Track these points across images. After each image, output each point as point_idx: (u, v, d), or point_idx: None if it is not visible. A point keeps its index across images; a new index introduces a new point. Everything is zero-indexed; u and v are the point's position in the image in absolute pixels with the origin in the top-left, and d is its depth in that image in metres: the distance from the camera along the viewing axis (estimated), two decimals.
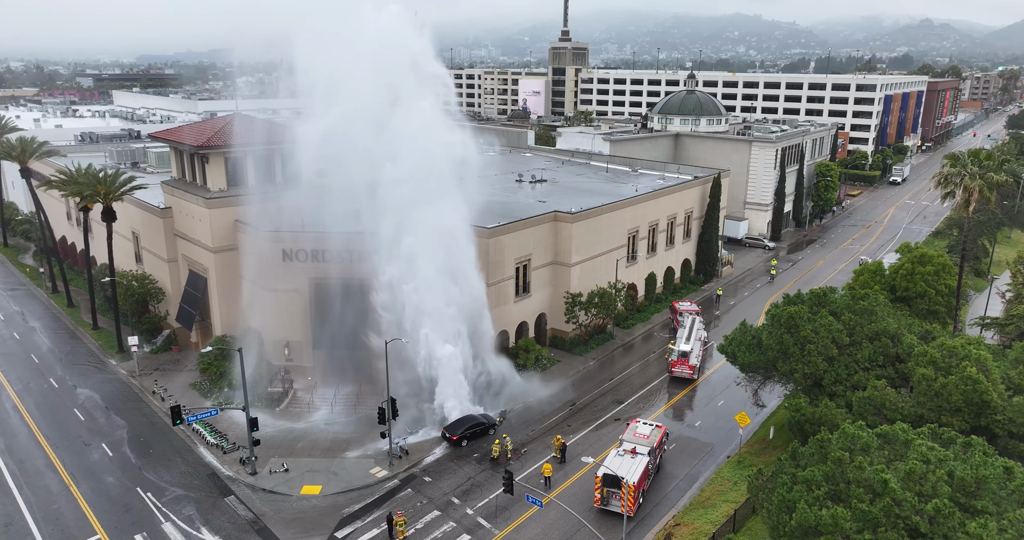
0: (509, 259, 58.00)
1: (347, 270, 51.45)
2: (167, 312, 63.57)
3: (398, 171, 48.25)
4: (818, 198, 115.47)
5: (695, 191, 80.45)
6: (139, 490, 42.86)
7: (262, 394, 52.43)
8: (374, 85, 48.63)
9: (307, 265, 52.41)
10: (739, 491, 41.30)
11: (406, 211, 48.43)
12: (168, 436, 48.90)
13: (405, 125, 48.39)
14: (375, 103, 48.63)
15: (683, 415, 53.50)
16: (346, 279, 51.54)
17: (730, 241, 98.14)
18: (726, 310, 75.88)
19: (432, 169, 48.55)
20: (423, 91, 49.49)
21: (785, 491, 29.30)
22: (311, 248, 52.16)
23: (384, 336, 47.21)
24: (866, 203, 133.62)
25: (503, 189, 74.70)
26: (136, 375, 57.30)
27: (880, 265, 57.23)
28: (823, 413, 38.23)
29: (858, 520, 26.30)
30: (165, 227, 60.45)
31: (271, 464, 44.98)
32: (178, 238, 60.51)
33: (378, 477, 44.06)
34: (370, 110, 48.47)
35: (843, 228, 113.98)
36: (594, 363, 61.51)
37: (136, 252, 67.95)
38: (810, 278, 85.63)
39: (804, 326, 41.93)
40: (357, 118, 48.27)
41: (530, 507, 40.13)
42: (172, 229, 60.55)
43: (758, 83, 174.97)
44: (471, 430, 47.97)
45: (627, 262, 70.10)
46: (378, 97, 48.86)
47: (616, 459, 40.84)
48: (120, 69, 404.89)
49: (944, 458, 28.32)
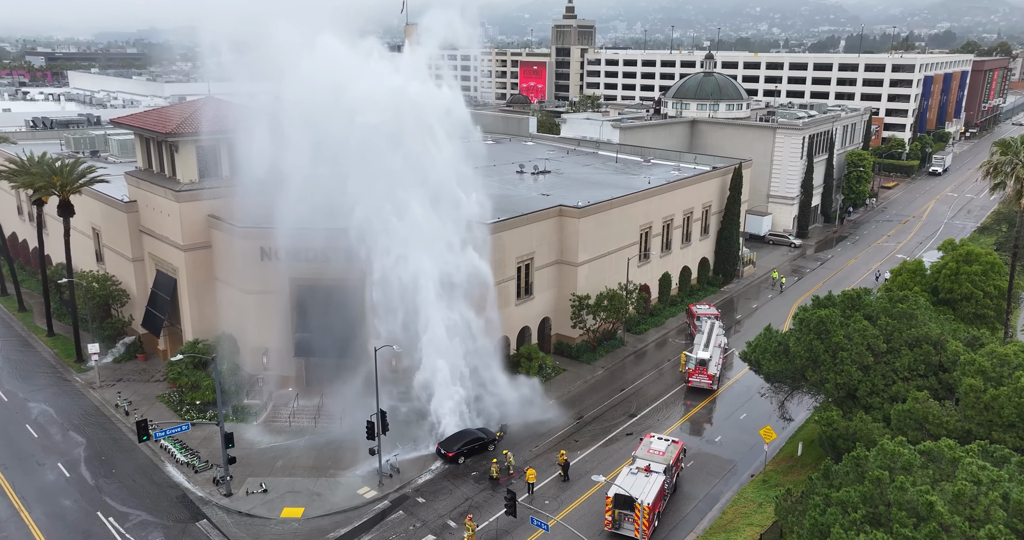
0: (510, 258, 58.05)
1: (332, 270, 51.45)
2: (132, 317, 63.49)
3: (390, 157, 48.38)
4: (849, 191, 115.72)
5: (713, 183, 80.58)
6: (99, 515, 42.77)
7: (238, 407, 52.45)
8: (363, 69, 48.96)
9: (288, 265, 52.43)
10: (765, 513, 41.39)
11: (399, 205, 48.52)
12: (133, 454, 48.85)
13: (401, 108, 48.63)
14: (364, 87, 48.76)
15: (702, 429, 53.59)
16: (331, 280, 51.55)
17: (752, 238, 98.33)
18: (748, 314, 76.06)
19: (428, 157, 48.74)
20: (420, 73, 49.95)
21: (818, 514, 29.39)
22: (292, 246, 52.15)
23: (373, 343, 47.24)
24: (903, 196, 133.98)
25: (502, 181, 74.78)
26: (97, 387, 57.26)
27: (920, 264, 57.37)
28: (858, 427, 38.33)
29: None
30: (129, 223, 60.41)
31: (248, 484, 44.95)
32: (144, 235, 60.49)
33: (366, 498, 44.08)
34: (359, 94, 48.57)
35: (877, 223, 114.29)
36: (603, 372, 61.59)
37: (97, 250, 67.89)
38: (841, 278, 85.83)
39: (836, 331, 42.03)
40: (344, 102, 48.37)
41: (535, 531, 40.18)
42: (137, 225, 60.53)
43: (782, 64, 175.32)
44: (469, 446, 48.02)
45: (639, 261, 70.20)
46: (368, 82, 49.07)
47: (629, 478, 40.93)
48: (76, 47, 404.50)
49: (998, 479, 28.33)
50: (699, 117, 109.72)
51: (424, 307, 49.12)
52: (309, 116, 49.27)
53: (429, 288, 49.02)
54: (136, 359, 61.97)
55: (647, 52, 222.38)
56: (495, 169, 79.95)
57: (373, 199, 48.66)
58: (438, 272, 49.39)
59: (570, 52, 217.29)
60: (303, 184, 50.26)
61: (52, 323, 67.46)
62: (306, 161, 49.98)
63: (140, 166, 62.22)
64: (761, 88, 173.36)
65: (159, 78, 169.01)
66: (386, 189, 48.70)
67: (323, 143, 49.47)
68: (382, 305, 49.48)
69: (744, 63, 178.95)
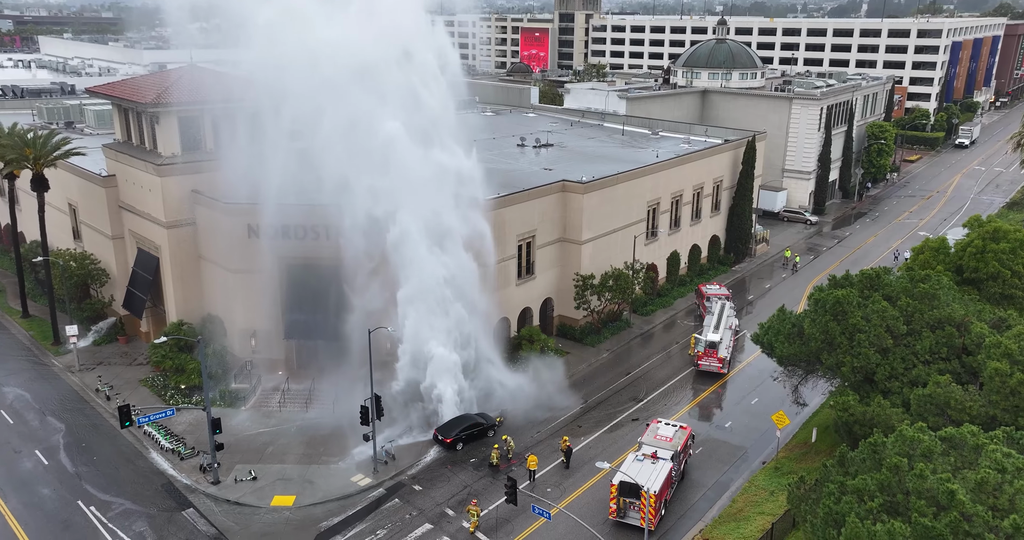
0: (510, 236, 58.11)
1: (323, 249, 51.50)
2: (112, 297, 63.68)
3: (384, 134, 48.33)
4: (869, 164, 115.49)
5: (726, 157, 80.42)
6: (80, 504, 43.14)
7: (226, 391, 52.76)
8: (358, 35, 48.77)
9: (277, 243, 52.41)
10: (776, 502, 41.82)
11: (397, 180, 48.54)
12: (115, 441, 49.22)
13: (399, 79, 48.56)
14: (359, 55, 48.61)
15: (711, 415, 53.98)
16: (322, 259, 51.61)
17: (765, 215, 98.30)
18: (760, 294, 76.28)
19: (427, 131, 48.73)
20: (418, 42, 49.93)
21: (832, 502, 29.68)
22: (281, 224, 52.11)
23: (367, 324, 47.41)
24: (926, 170, 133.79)
25: (503, 155, 74.63)
26: (76, 371, 57.57)
27: (944, 242, 57.27)
28: (876, 413, 38.55)
29: (919, 537, 26.56)
30: (108, 198, 60.34)
31: (236, 471, 45.37)
32: (124, 211, 60.47)
33: (361, 486, 44.52)
34: (353, 63, 48.40)
35: (898, 199, 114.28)
36: (608, 355, 61.92)
37: (74, 228, 67.87)
38: (859, 257, 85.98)
39: (853, 312, 42.15)
40: (337, 72, 48.21)
41: (536, 519, 40.61)
42: (117, 201, 60.48)
43: (800, 30, 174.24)
44: (467, 431, 48.41)
45: (646, 239, 70.27)
46: (364, 48, 48.91)
47: (634, 465, 41.29)
48: (47, 10, 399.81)
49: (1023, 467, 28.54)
50: (711, 87, 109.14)
51: (416, 275, 49.21)
52: (290, 77, 49.02)
53: (421, 248, 49.04)
54: (117, 341, 62.22)
55: (656, 18, 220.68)
56: (495, 142, 79.78)
57: (361, 159, 48.64)
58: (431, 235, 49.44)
59: (574, 18, 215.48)
60: (292, 157, 50.15)
61: (27, 304, 67.60)
62: (294, 132, 49.84)
63: (118, 138, 62.01)
64: (777, 56, 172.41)
65: (137, 44, 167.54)
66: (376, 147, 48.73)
67: (309, 110, 49.26)
68: (373, 281, 49.60)
69: (759, 29, 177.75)
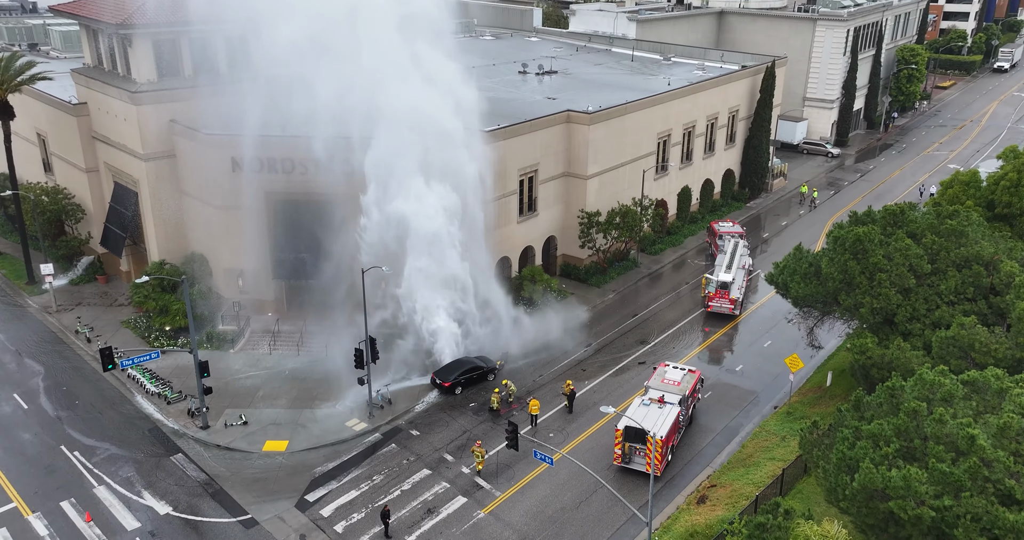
0: (511, 170, 57.62)
1: (313, 183, 51.04)
2: (89, 234, 63.50)
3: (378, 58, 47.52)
4: (898, 91, 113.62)
5: (743, 85, 79.27)
6: (63, 449, 43.79)
7: (213, 333, 53.11)
8: None
9: (263, 177, 51.97)
10: (788, 447, 42.47)
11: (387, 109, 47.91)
12: (98, 384, 49.74)
13: None
14: None
15: (721, 358, 54.47)
16: (312, 194, 51.21)
17: (784, 147, 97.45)
18: (776, 232, 76.10)
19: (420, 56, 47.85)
20: None
21: (846, 448, 30.02)
22: (267, 156, 51.56)
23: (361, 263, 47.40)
24: (960, 97, 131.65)
25: (503, 83, 73.63)
26: (54, 311, 57.81)
27: (975, 175, 56.70)
28: (895, 356, 38.76)
29: (936, 483, 26.99)
30: (80, 128, 59.57)
31: (226, 416, 46.01)
32: (98, 142, 59.77)
33: (356, 430, 45.22)
34: None
35: (928, 129, 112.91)
36: (614, 296, 62.16)
37: (44, 159, 67.23)
38: (883, 192, 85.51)
39: (875, 251, 42.02)
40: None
41: (538, 465, 41.38)
42: (89, 130, 59.71)
43: None
44: (466, 375, 48.92)
45: (656, 174, 69.76)
46: None
47: (640, 409, 41.84)
48: None
49: None
50: (728, 8, 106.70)
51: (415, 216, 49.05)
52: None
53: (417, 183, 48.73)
54: (96, 281, 62.30)
55: None
56: (494, 69, 78.57)
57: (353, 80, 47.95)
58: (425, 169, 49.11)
59: None
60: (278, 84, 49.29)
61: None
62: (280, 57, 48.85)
63: (88, 62, 60.79)
64: None
65: None
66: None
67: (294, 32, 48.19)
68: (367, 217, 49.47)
69: None
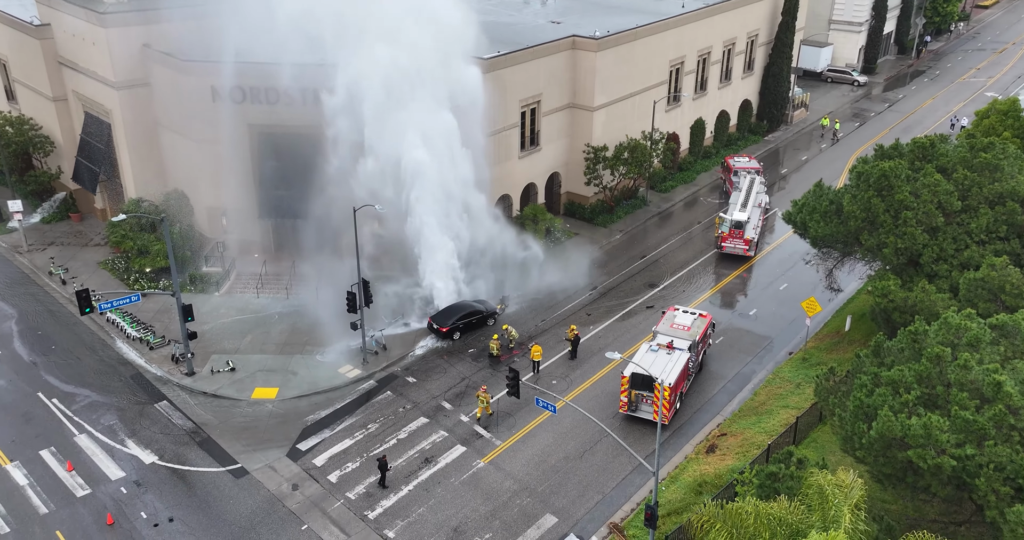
0: (512, 101, 56.90)
1: (301, 115, 50.31)
2: (60, 169, 62.94)
3: None
4: (934, 12, 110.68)
5: (763, 6, 77.74)
6: (41, 396, 44.18)
7: (196, 275, 53.11)
8: None
9: (246, 108, 51.36)
10: (802, 395, 42.83)
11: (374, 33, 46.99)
12: (75, 329, 49.91)
13: None
14: None
15: (734, 301, 54.53)
16: (299, 127, 50.60)
17: (806, 75, 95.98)
18: (795, 168, 75.43)
19: None
20: None
21: (864, 395, 30.15)
22: (250, 85, 50.86)
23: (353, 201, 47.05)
24: (1002, 17, 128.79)
25: (503, 5, 72.38)
26: (24, 251, 57.66)
27: (1015, 103, 55.81)
28: (919, 298, 38.60)
29: (959, 431, 27.12)
30: (44, 52, 58.47)
31: (213, 362, 46.28)
32: (65, 68, 58.75)
33: (349, 377, 45.54)
34: None
35: (965, 54, 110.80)
36: (621, 236, 61.98)
37: (6, 86, 66.31)
38: (911, 124, 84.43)
39: (901, 187, 41.52)
40: None
41: (540, 413, 41.74)
42: (55, 55, 58.65)
43: None
44: (465, 320, 49.01)
45: (667, 105, 68.97)
46: None
47: (648, 355, 42.02)
48: None
49: None
50: None
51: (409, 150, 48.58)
52: None
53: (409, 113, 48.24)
54: (69, 219, 62.09)
55: None
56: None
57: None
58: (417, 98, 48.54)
59: None
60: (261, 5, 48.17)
61: None
62: None
63: None
64: None
65: None
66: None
67: None
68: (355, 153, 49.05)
69: None
